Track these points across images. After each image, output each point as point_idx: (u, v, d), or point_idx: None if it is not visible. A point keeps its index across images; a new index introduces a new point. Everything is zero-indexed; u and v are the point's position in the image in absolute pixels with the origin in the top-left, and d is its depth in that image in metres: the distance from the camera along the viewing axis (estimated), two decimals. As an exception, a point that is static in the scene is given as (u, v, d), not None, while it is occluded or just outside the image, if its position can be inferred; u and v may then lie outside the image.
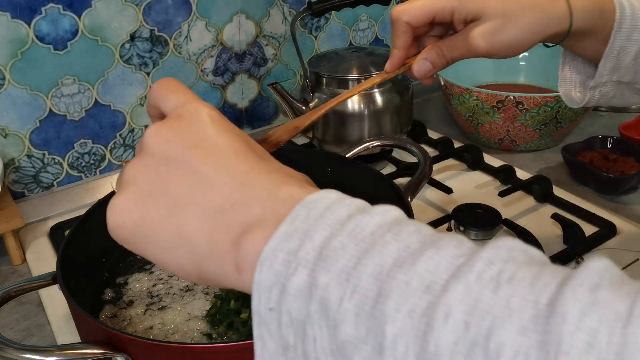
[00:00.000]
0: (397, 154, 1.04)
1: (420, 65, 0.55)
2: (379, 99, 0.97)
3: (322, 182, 0.86)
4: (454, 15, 0.52)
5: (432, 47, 0.54)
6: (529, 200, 0.92)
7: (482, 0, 0.50)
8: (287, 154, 0.86)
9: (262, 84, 1.15)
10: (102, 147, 1.02)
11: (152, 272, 0.75)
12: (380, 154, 1.03)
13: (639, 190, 0.95)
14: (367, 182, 0.77)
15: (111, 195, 0.74)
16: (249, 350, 0.50)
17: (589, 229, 0.83)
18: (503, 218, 0.84)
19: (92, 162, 1.02)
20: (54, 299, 0.75)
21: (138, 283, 0.74)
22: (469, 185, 0.97)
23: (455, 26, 0.54)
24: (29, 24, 0.88)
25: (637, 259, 0.78)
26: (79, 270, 0.66)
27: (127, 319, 0.68)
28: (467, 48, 0.52)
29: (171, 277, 0.74)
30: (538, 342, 0.23)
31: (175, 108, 0.36)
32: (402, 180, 0.93)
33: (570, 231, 0.81)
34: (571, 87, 0.60)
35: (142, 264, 0.76)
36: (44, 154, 0.97)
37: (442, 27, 0.57)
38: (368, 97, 0.96)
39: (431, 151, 1.07)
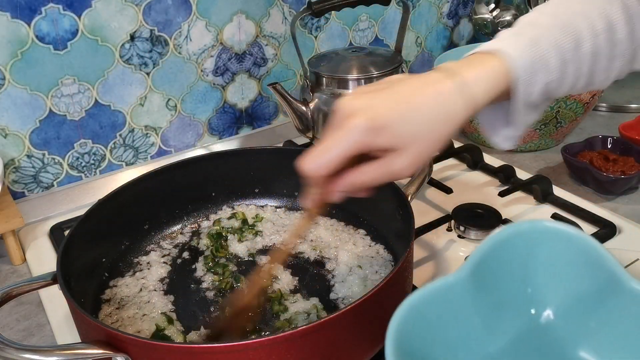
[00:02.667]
0: (397, 154, 1.04)
1: (338, 199, 0.54)
2: (379, 99, 0.97)
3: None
4: (365, 150, 0.50)
5: (345, 182, 0.52)
6: (529, 200, 0.92)
7: (394, 131, 0.49)
8: (287, 154, 0.86)
9: (262, 84, 1.15)
10: (102, 147, 1.02)
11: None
12: (380, 154, 1.03)
13: (639, 190, 0.95)
14: (367, 182, 0.77)
15: (111, 195, 0.74)
16: (249, 350, 0.50)
17: (589, 229, 0.83)
18: (503, 218, 0.84)
19: (92, 162, 1.02)
20: (54, 299, 0.75)
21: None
22: (469, 185, 0.97)
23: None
24: (29, 24, 0.88)
25: (637, 259, 0.78)
26: (79, 270, 0.66)
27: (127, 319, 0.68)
28: (388, 176, 0.51)
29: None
30: None
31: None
32: (402, 180, 0.93)
33: (570, 231, 0.81)
34: (502, 140, 0.59)
35: (142, 264, 0.77)
36: (44, 154, 0.97)
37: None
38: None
39: (431, 151, 1.07)
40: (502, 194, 0.90)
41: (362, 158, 0.50)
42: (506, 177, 0.97)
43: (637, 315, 0.48)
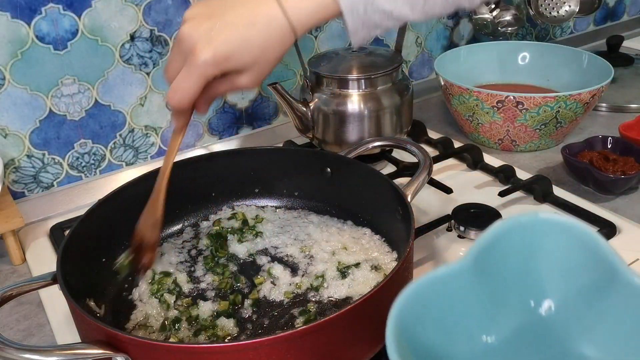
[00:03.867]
0: (397, 154, 1.04)
1: (204, 112, 0.64)
2: (379, 99, 0.97)
3: (322, 183, 0.87)
4: (213, 76, 0.57)
5: (204, 97, 0.60)
6: (529, 200, 0.92)
7: (235, 60, 0.56)
8: (287, 154, 0.86)
9: (262, 84, 1.15)
10: (102, 147, 1.02)
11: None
12: (380, 154, 1.03)
13: (639, 190, 0.95)
14: (367, 182, 0.77)
15: (111, 195, 0.74)
16: (249, 350, 0.50)
17: (589, 229, 0.83)
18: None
19: (92, 162, 1.02)
20: (54, 299, 0.75)
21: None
22: (469, 185, 0.97)
23: None
24: (29, 24, 0.88)
25: (637, 259, 0.78)
26: (79, 270, 0.66)
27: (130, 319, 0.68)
28: (236, 88, 0.60)
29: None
30: None
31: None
32: (402, 180, 0.93)
33: (570, 231, 0.81)
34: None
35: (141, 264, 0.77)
36: (44, 154, 0.97)
37: None
38: (368, 97, 0.96)
39: (431, 151, 1.07)
40: (502, 194, 0.90)
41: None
42: (506, 177, 0.97)
43: (637, 308, 0.48)
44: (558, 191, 0.93)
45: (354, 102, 0.96)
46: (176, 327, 0.66)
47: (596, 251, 0.50)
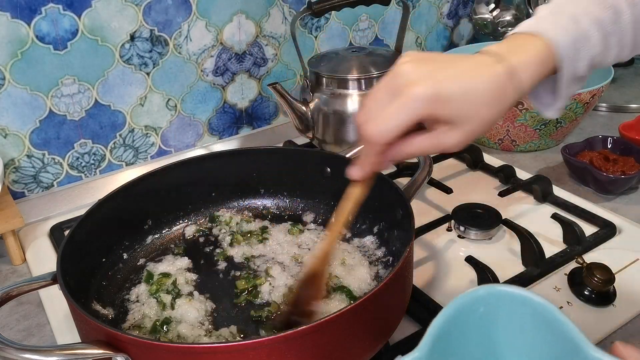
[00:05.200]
0: (397, 154, 1.04)
1: (387, 167, 0.56)
2: (379, 99, 0.97)
3: (322, 183, 0.87)
4: (424, 120, 0.51)
5: (397, 150, 0.53)
6: (529, 200, 0.92)
7: (454, 106, 0.49)
8: (287, 154, 0.86)
9: (262, 84, 1.15)
10: (102, 147, 1.02)
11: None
12: (380, 154, 1.02)
13: (639, 190, 0.95)
14: (367, 182, 0.77)
15: (111, 195, 0.74)
16: (249, 350, 0.50)
17: (589, 229, 0.83)
18: (503, 218, 0.84)
19: (92, 162, 1.02)
20: (54, 299, 0.75)
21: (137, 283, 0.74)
22: (469, 185, 0.97)
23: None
24: (29, 24, 0.88)
25: (637, 259, 0.78)
26: (79, 270, 0.66)
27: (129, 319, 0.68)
28: (439, 148, 0.52)
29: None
30: None
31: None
32: (402, 180, 0.93)
33: (570, 231, 0.81)
34: (546, 109, 0.60)
35: (141, 264, 0.77)
36: (44, 154, 0.97)
37: None
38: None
39: (431, 151, 1.07)
40: (502, 194, 0.90)
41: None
42: (506, 177, 0.97)
43: None
44: (558, 191, 0.93)
45: (354, 102, 0.96)
46: (165, 329, 0.65)
47: (554, 324, 0.47)
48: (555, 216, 0.84)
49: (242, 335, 0.65)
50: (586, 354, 0.45)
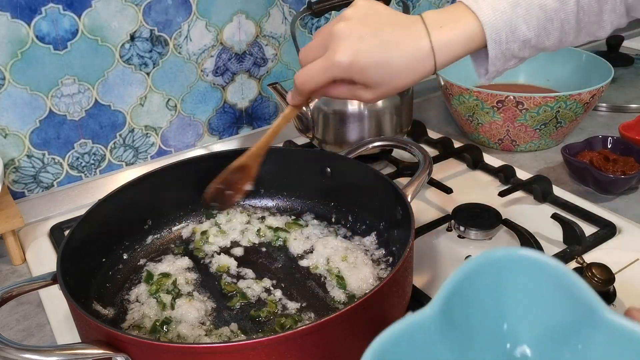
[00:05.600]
0: (397, 154, 1.04)
1: (317, 98, 0.66)
2: (379, 99, 0.97)
3: (322, 183, 0.87)
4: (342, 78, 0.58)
5: (323, 91, 0.61)
6: (529, 200, 0.92)
7: (368, 74, 0.56)
8: (287, 154, 0.86)
9: (262, 84, 1.15)
10: (102, 147, 1.02)
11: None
12: (380, 154, 1.03)
13: (639, 190, 0.95)
14: (367, 182, 0.77)
15: (112, 195, 0.74)
16: (249, 350, 0.50)
17: (589, 229, 0.83)
18: (503, 218, 0.84)
19: (92, 162, 1.02)
20: (54, 299, 0.75)
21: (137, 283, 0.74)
22: (469, 185, 0.97)
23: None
24: (29, 24, 0.88)
25: (637, 259, 0.78)
26: (79, 270, 0.66)
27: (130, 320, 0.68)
28: (355, 98, 0.61)
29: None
30: None
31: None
32: (402, 180, 0.93)
33: (570, 231, 0.81)
34: (480, 77, 0.65)
35: (141, 264, 0.77)
36: (44, 154, 0.97)
37: None
38: (368, 97, 0.96)
39: (431, 151, 1.07)
40: (502, 194, 0.90)
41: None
42: (506, 177, 0.97)
43: (614, 346, 0.47)
44: (558, 191, 0.93)
45: (354, 102, 0.96)
46: (165, 329, 0.65)
47: (571, 288, 0.47)
48: (555, 216, 0.84)
49: (242, 334, 0.65)
50: (601, 317, 0.45)
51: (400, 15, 0.59)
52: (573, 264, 0.77)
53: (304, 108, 0.77)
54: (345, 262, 0.73)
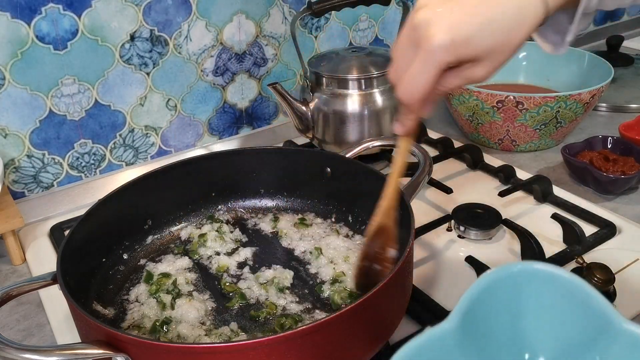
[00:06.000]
0: (397, 154, 1.04)
1: (430, 112, 0.56)
2: (379, 99, 0.97)
3: (322, 183, 0.87)
4: (450, 65, 0.51)
5: (432, 94, 0.53)
6: (529, 200, 0.92)
7: (476, 45, 0.49)
8: (287, 154, 0.86)
9: (262, 84, 1.15)
10: (102, 147, 1.02)
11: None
12: (380, 154, 1.03)
13: (639, 190, 0.95)
14: (367, 182, 0.77)
15: (112, 195, 0.74)
16: (249, 351, 0.50)
17: (589, 229, 0.83)
18: (503, 218, 0.84)
19: (92, 162, 1.02)
20: (54, 299, 0.75)
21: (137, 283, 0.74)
22: (469, 185, 0.97)
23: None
24: (29, 24, 0.88)
25: (637, 259, 0.78)
26: (79, 270, 0.66)
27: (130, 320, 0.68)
28: (469, 82, 0.53)
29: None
30: None
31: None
32: (402, 180, 0.93)
33: (570, 231, 0.81)
34: (553, 47, 0.59)
35: (141, 264, 0.77)
36: (44, 154, 0.97)
37: None
38: (368, 97, 0.96)
39: (431, 151, 1.07)
40: (502, 194, 0.90)
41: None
42: (506, 177, 0.97)
43: (632, 355, 0.47)
44: (558, 191, 0.93)
45: (354, 102, 0.96)
46: (165, 329, 0.65)
47: (586, 300, 0.48)
48: (555, 216, 0.84)
49: (242, 332, 0.65)
50: (618, 328, 0.46)
51: None
52: (573, 264, 0.77)
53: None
54: (347, 262, 0.73)
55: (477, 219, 0.84)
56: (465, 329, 0.48)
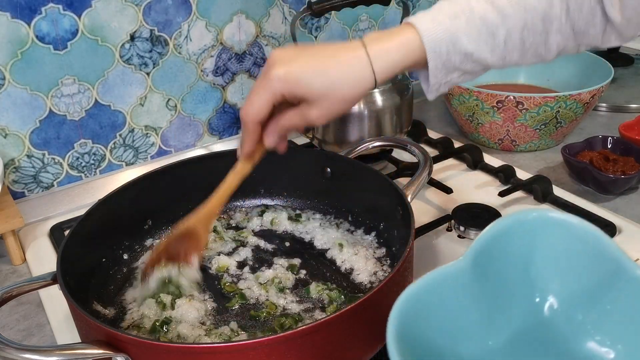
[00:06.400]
0: (397, 154, 1.04)
1: (271, 142, 0.63)
2: (379, 99, 0.97)
3: (322, 182, 0.87)
4: (285, 97, 0.58)
5: (274, 125, 0.61)
6: (529, 200, 0.92)
7: (305, 84, 0.56)
8: (287, 154, 0.86)
9: (262, 84, 1.15)
10: (102, 147, 1.02)
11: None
12: (380, 154, 1.03)
13: (639, 190, 0.95)
14: (367, 182, 0.77)
15: (112, 194, 0.74)
16: (249, 351, 0.50)
17: (589, 229, 0.83)
18: (503, 218, 0.84)
19: (92, 162, 1.02)
20: (54, 299, 0.75)
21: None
22: (469, 185, 0.97)
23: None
24: (29, 24, 0.88)
25: (637, 259, 0.78)
26: (79, 270, 0.66)
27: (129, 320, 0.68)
28: (305, 121, 0.59)
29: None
30: None
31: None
32: (402, 180, 0.93)
33: (570, 231, 0.81)
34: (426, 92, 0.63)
35: (142, 264, 0.77)
36: (44, 154, 0.97)
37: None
38: (368, 97, 0.96)
39: (431, 151, 1.07)
40: (502, 194, 0.90)
41: (286, 106, 0.59)
42: (506, 177, 0.97)
43: None
44: (558, 191, 0.93)
45: (354, 102, 0.96)
46: (165, 329, 0.65)
47: (598, 247, 0.50)
48: (555, 216, 0.84)
49: (242, 331, 0.65)
50: (631, 274, 0.47)
51: (337, 43, 0.60)
52: (573, 264, 0.77)
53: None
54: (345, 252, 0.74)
55: (477, 219, 0.84)
56: (478, 269, 0.50)
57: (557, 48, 0.59)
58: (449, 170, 1.02)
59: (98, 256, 0.73)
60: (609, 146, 1.00)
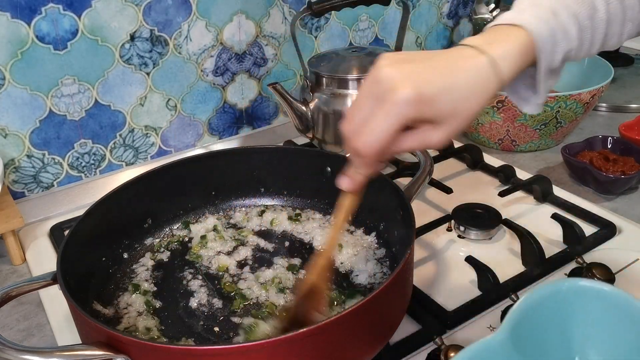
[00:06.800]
0: (397, 154, 1.04)
1: (381, 169, 0.56)
2: (379, 99, 0.96)
3: (322, 182, 0.87)
4: (411, 122, 0.51)
5: (387, 153, 0.52)
6: (529, 200, 0.92)
7: (437, 105, 0.49)
8: (287, 154, 0.86)
9: (262, 84, 1.15)
10: (102, 147, 1.02)
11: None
12: (380, 154, 1.02)
13: (639, 190, 0.95)
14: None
15: (111, 194, 0.74)
16: (251, 352, 0.50)
17: (589, 229, 0.83)
18: (503, 218, 0.84)
19: (92, 162, 1.02)
20: (54, 299, 0.75)
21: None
22: (469, 185, 0.97)
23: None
24: (29, 24, 0.88)
25: (637, 259, 0.78)
26: (79, 270, 0.66)
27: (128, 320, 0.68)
28: (424, 146, 0.52)
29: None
30: None
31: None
32: (402, 180, 0.93)
33: (570, 231, 0.81)
34: (525, 104, 0.60)
35: (142, 264, 0.77)
36: (44, 154, 0.97)
37: None
38: (368, 97, 0.96)
39: (431, 151, 1.07)
40: (502, 194, 0.90)
41: None
42: (506, 177, 0.97)
43: None
44: (558, 191, 0.93)
45: (353, 101, 0.96)
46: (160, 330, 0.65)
47: (633, 312, 0.50)
48: (555, 216, 0.84)
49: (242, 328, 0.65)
50: None
51: (435, 50, 0.53)
52: (573, 264, 0.77)
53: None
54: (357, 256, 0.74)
55: (477, 219, 0.84)
56: (516, 341, 0.50)
57: (627, 36, 0.58)
58: (449, 170, 1.02)
59: (98, 256, 0.73)
60: (609, 146, 1.00)
